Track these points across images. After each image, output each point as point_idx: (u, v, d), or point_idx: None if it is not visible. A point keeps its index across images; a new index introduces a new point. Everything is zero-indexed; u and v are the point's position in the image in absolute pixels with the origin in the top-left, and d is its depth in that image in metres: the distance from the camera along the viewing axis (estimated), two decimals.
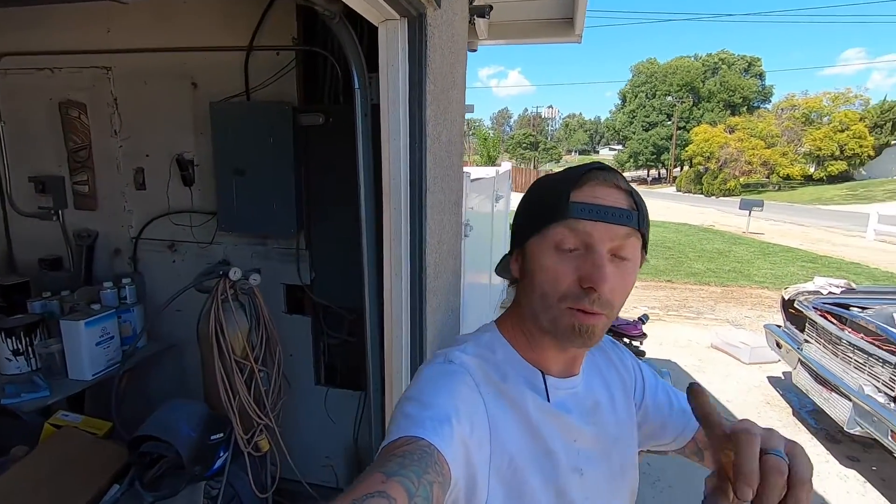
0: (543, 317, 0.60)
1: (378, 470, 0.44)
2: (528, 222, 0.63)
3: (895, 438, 2.37)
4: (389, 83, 1.40)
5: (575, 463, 0.64)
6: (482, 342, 0.66)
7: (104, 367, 1.93)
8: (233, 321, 1.64)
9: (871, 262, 9.77)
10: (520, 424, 0.61)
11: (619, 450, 0.70)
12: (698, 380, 4.20)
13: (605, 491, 0.67)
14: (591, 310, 0.57)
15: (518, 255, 0.65)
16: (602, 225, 0.57)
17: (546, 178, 0.66)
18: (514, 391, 0.62)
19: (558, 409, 0.64)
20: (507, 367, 0.64)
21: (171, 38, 2.17)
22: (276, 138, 2.07)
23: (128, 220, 2.42)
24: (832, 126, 33.60)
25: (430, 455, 0.48)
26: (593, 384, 0.71)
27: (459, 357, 0.62)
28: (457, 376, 0.59)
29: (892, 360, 2.57)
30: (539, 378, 0.64)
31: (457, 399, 0.56)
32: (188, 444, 1.38)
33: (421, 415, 0.53)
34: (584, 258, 0.58)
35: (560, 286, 0.58)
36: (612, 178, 0.61)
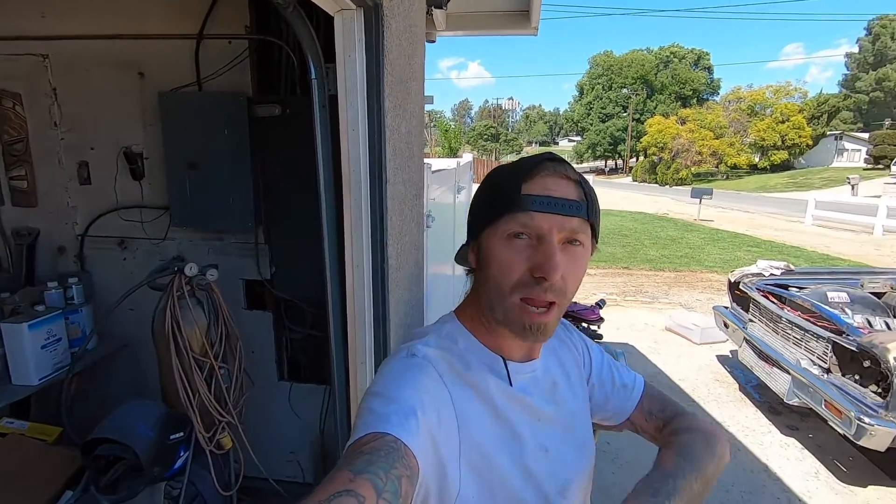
0: (498, 308, 0.62)
1: (345, 468, 0.44)
2: (482, 214, 0.64)
3: (828, 407, 2.57)
4: (347, 74, 1.39)
5: (540, 441, 0.66)
6: (443, 333, 0.67)
7: (51, 370, 1.84)
8: (190, 318, 1.60)
9: (809, 246, 10.43)
10: (486, 411, 0.62)
11: (579, 425, 0.74)
12: (653, 361, 4.41)
13: (569, 465, 0.69)
14: (542, 299, 0.59)
15: (474, 246, 0.66)
16: (554, 216, 0.59)
17: (499, 169, 0.67)
18: (477, 379, 0.64)
19: (521, 393, 0.66)
20: (470, 356, 0.65)
21: (114, 25, 2.07)
22: (231, 130, 2.01)
23: (72, 216, 2.30)
24: (774, 118, 35.48)
25: (398, 450, 0.48)
26: (550, 365, 0.74)
27: (422, 350, 0.63)
28: (421, 369, 0.60)
29: (825, 335, 2.78)
30: (500, 364, 0.66)
31: (422, 392, 0.57)
32: (146, 445, 1.34)
33: (386, 409, 0.53)
34: (536, 249, 0.59)
35: (513, 276, 0.60)
36: (562, 169, 0.63)
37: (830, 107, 37.76)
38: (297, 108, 2.01)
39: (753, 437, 3.17)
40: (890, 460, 2.86)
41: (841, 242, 10.90)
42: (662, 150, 36.97)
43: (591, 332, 2.15)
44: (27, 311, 1.87)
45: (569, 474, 0.69)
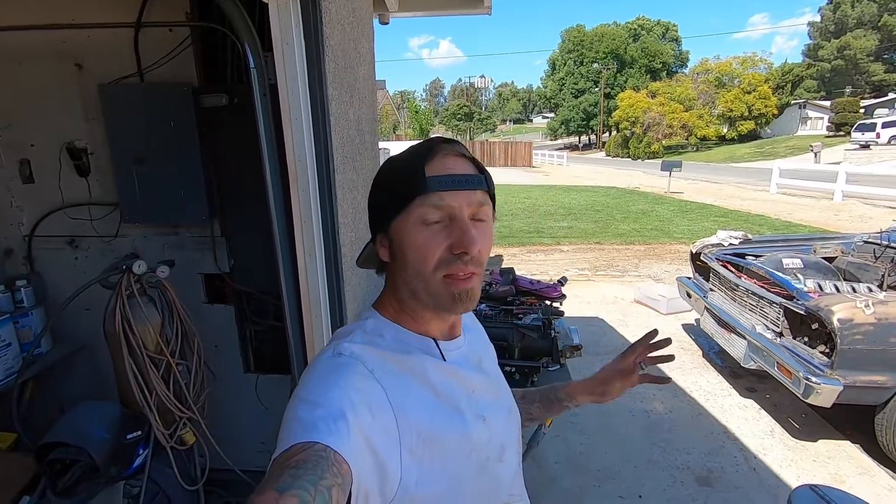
0: (422, 291, 0.64)
1: (270, 487, 0.43)
2: (388, 204, 0.65)
3: (780, 369, 2.69)
4: (286, 62, 1.37)
5: (477, 411, 0.68)
6: (368, 329, 0.67)
7: (2, 377, 1.80)
8: (141, 316, 1.58)
9: (773, 214, 10.77)
10: (425, 392, 0.64)
11: (504, 393, 0.80)
12: (622, 333, 4.53)
13: (503, 431, 0.73)
14: (465, 272, 0.62)
15: (383, 239, 0.67)
16: (460, 193, 0.62)
17: (392, 159, 0.68)
18: (412, 361, 0.65)
19: (454, 366, 0.69)
20: (401, 345, 0.66)
21: (44, 15, 1.97)
22: (178, 121, 1.96)
23: (17, 217, 2.22)
24: (741, 88, 36.07)
25: (326, 458, 0.47)
26: (472, 341, 0.78)
27: (348, 348, 0.63)
28: (348, 367, 0.60)
29: (777, 301, 2.90)
30: (431, 344, 0.68)
31: (349, 391, 0.56)
32: (101, 446, 1.33)
33: (312, 416, 0.52)
34: (451, 227, 0.61)
35: (433, 257, 0.62)
36: (457, 148, 0.65)
37: (794, 76, 38.56)
38: (245, 96, 1.95)
39: (714, 401, 3.32)
40: (838, 415, 3.03)
41: (803, 209, 11.28)
42: (634, 125, 37.33)
43: (553, 308, 2.20)
44: None
45: (503, 439, 0.73)
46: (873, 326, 2.38)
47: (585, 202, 13.56)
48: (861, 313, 2.39)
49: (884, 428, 2.56)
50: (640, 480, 2.54)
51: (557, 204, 13.47)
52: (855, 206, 11.29)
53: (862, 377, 2.41)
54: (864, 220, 9.58)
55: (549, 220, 10.73)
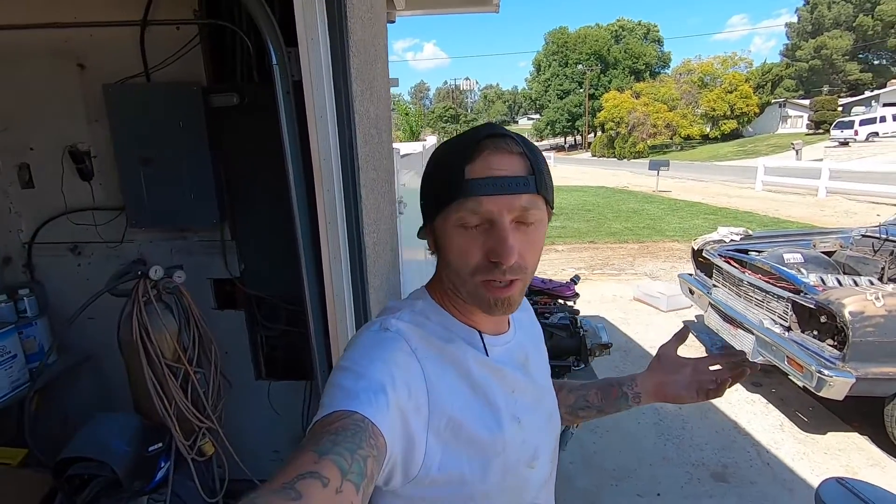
0: (462, 290, 0.63)
1: (310, 449, 0.43)
2: (431, 200, 0.63)
3: (790, 363, 2.71)
4: (311, 58, 1.32)
5: (513, 412, 0.66)
6: (417, 309, 0.67)
7: (8, 390, 1.72)
8: (159, 323, 1.52)
9: (761, 210, 10.94)
10: (461, 382, 0.63)
11: (547, 396, 0.77)
12: (624, 331, 4.54)
13: (539, 435, 0.71)
14: (503, 280, 0.59)
15: (429, 230, 0.65)
16: (501, 198, 0.57)
17: (442, 148, 0.64)
18: (454, 350, 0.64)
19: (497, 363, 0.67)
20: (444, 331, 0.65)
21: (45, 14, 1.90)
22: (186, 122, 1.90)
23: (16, 223, 2.14)
24: (723, 88, 36.68)
25: (365, 429, 0.48)
26: (522, 339, 0.75)
27: (395, 324, 0.62)
28: (392, 342, 0.60)
29: (784, 296, 2.92)
30: (476, 336, 0.66)
31: (392, 366, 0.56)
32: (123, 460, 1.27)
33: (355, 386, 0.52)
34: (489, 233, 0.58)
35: (470, 262, 0.59)
36: (505, 144, 0.59)
37: (774, 75, 39.35)
38: (257, 95, 1.91)
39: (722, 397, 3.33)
40: (845, 408, 3.06)
41: (789, 206, 11.47)
42: (619, 125, 37.72)
43: (567, 308, 2.18)
44: None
45: (538, 443, 0.71)
46: (884, 319, 2.41)
47: (576, 202, 13.64)
48: (872, 306, 2.42)
49: (894, 419, 2.59)
50: (656, 478, 2.53)
51: None
52: (839, 202, 11.52)
53: (874, 369, 2.44)
54: (849, 216, 9.78)
55: None
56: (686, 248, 7.01)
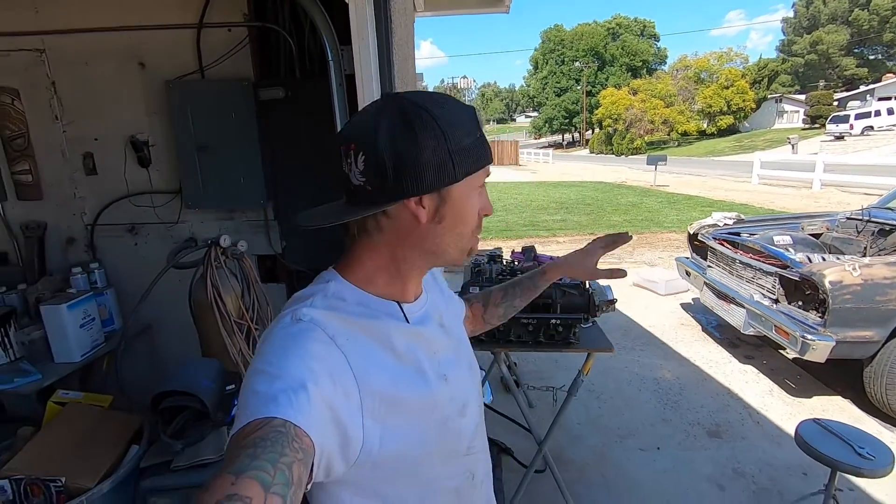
0: (454, 249, 0.66)
1: (227, 471, 0.41)
2: (455, 165, 0.60)
3: (778, 332, 2.96)
4: (361, 55, 1.57)
5: (439, 371, 0.68)
6: (329, 292, 0.64)
7: (90, 348, 1.97)
8: (227, 285, 1.76)
9: (756, 203, 11.19)
10: (387, 356, 0.62)
11: (465, 348, 0.80)
12: (625, 313, 4.79)
13: (464, 388, 0.74)
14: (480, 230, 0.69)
15: (430, 199, 0.61)
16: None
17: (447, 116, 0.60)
18: (375, 325, 0.63)
19: (419, 326, 0.68)
20: (363, 308, 0.64)
21: (112, 18, 2.14)
22: (238, 113, 2.15)
23: (80, 207, 2.38)
24: (719, 84, 36.95)
25: (286, 434, 0.46)
26: (434, 299, 0.77)
27: (308, 313, 0.59)
28: (307, 333, 0.57)
29: (772, 271, 3.17)
30: (395, 307, 0.67)
31: (309, 359, 0.54)
32: (210, 395, 1.51)
33: (272, 388, 0.50)
34: (481, 193, 0.67)
35: (475, 220, 0.66)
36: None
37: (770, 71, 39.61)
38: (299, 89, 2.16)
39: (717, 368, 3.58)
40: (830, 375, 3.32)
41: (784, 198, 11.73)
42: (617, 121, 37.98)
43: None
44: (58, 296, 1.98)
45: (465, 395, 0.73)
46: (860, 287, 2.66)
47: (576, 196, 13.89)
48: (849, 275, 2.67)
49: (871, 380, 2.85)
50: (657, 435, 2.79)
51: (549, 199, 13.78)
52: (833, 194, 11.79)
53: (852, 333, 2.69)
54: (842, 207, 10.00)
55: (542, 214, 11.02)
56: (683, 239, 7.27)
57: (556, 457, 2.51)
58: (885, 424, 2.86)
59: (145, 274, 1.92)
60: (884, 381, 2.77)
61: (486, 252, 2.65)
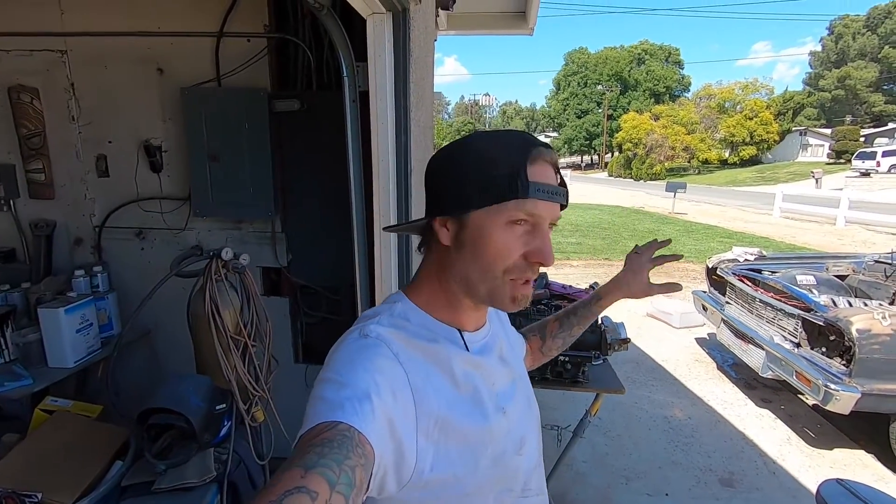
0: (482, 287, 0.64)
1: (296, 465, 0.43)
2: (476, 192, 0.62)
3: (799, 378, 2.82)
4: (377, 72, 1.52)
5: (497, 403, 0.68)
6: (395, 312, 0.66)
7: (85, 353, 1.93)
8: (227, 300, 1.71)
9: (778, 237, 10.94)
10: (445, 380, 0.63)
11: (524, 384, 0.79)
12: (637, 345, 4.65)
13: (522, 422, 0.73)
14: (531, 278, 0.64)
15: (452, 223, 0.64)
16: (551, 205, 0.63)
17: (483, 143, 0.64)
18: (437, 349, 0.64)
19: (478, 356, 0.69)
20: (425, 331, 0.66)
21: (134, 23, 2.14)
22: (252, 123, 2.12)
23: (90, 208, 2.37)
24: (743, 114, 36.64)
25: (351, 438, 0.48)
26: (496, 331, 0.77)
27: (375, 330, 0.62)
28: (373, 349, 0.59)
29: (794, 313, 3.03)
30: (456, 334, 0.68)
31: (375, 373, 0.56)
32: (199, 414, 1.45)
33: (338, 396, 0.52)
34: (532, 235, 0.62)
35: (508, 261, 0.62)
36: (552, 156, 0.64)
37: (795, 103, 39.20)
38: (315, 103, 2.13)
39: (732, 410, 3.43)
40: (852, 426, 3.15)
41: (806, 233, 11.45)
42: (637, 146, 37.79)
43: None
44: (58, 298, 1.95)
45: (523, 431, 0.72)
46: (890, 337, 2.52)
47: (592, 220, 13.76)
48: (878, 324, 2.53)
49: None
50: (665, 480, 2.65)
51: (564, 221, 13.63)
52: (858, 232, 11.47)
53: (879, 385, 2.54)
54: (867, 245, 9.74)
55: (557, 236, 10.90)
56: (700, 270, 7.09)
57: (559, 497, 2.39)
58: None
59: (149, 279, 1.89)
60: None
61: None
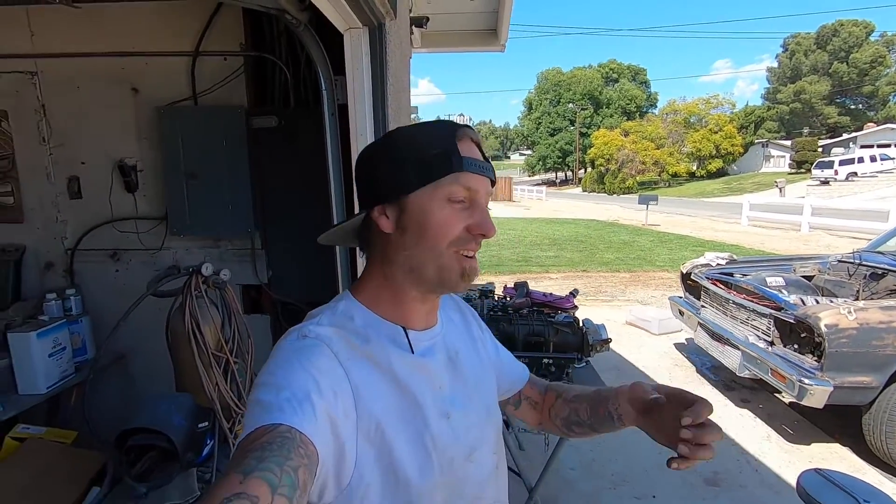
0: (430, 266, 0.63)
1: (234, 471, 0.42)
2: (410, 174, 0.62)
3: (774, 375, 2.90)
4: (355, 85, 1.56)
5: (442, 408, 0.66)
6: (338, 311, 0.65)
7: (57, 379, 1.87)
8: (207, 316, 1.69)
9: (747, 244, 11.29)
10: (386, 384, 0.62)
11: (482, 391, 0.75)
12: (617, 352, 4.71)
13: (472, 430, 0.69)
14: (474, 250, 0.65)
15: (391, 209, 0.64)
16: (484, 178, 0.64)
17: (410, 130, 0.67)
18: (377, 351, 0.63)
19: (422, 358, 0.66)
20: (369, 330, 0.64)
21: (107, 43, 2.14)
22: (229, 141, 2.12)
23: (61, 231, 2.32)
24: (708, 128, 38.07)
25: (292, 439, 0.47)
26: (451, 334, 0.75)
27: (314, 330, 0.61)
28: (312, 349, 0.58)
29: (766, 313, 3.13)
30: (401, 333, 0.66)
31: (314, 372, 0.55)
32: (180, 433, 1.42)
33: (277, 398, 0.51)
34: (472, 209, 0.63)
35: (451, 234, 0.62)
36: (476, 136, 0.66)
37: (756, 117, 41.00)
38: (292, 119, 2.15)
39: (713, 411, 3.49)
40: (828, 421, 3.24)
41: (773, 239, 11.86)
42: (609, 161, 38.77)
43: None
44: (28, 323, 1.89)
45: (474, 439, 0.69)
46: (856, 330, 2.62)
47: (569, 233, 13.98)
48: (845, 319, 2.63)
49: (871, 428, 2.77)
50: (652, 483, 2.67)
51: (542, 235, 13.84)
52: (821, 237, 11.94)
53: (849, 378, 2.63)
54: (830, 250, 10.12)
55: (535, 250, 11.03)
56: (675, 278, 7.27)
57: None
58: (886, 474, 2.77)
59: (124, 301, 1.85)
60: (883, 429, 2.70)
61: (479, 287, 2.60)
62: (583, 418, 0.84)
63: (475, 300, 2.26)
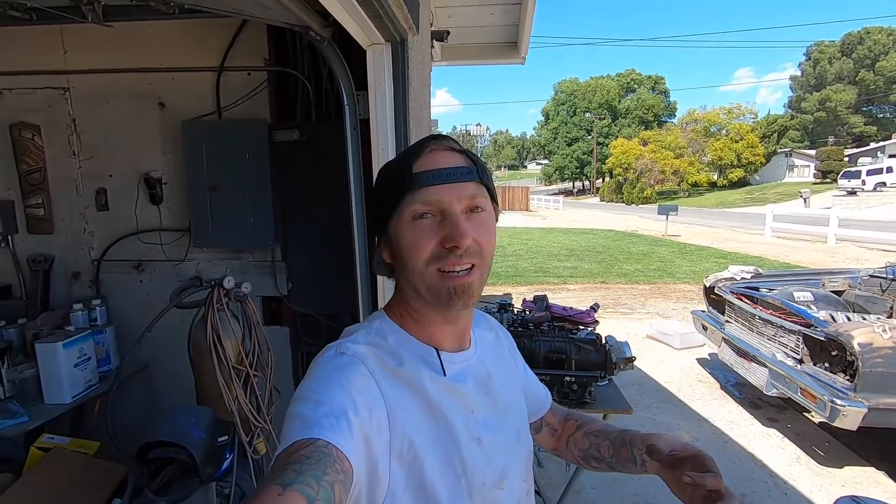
0: (420, 286, 0.63)
1: (273, 482, 0.43)
2: (382, 207, 0.65)
3: (803, 394, 2.80)
4: (377, 100, 1.57)
5: (473, 432, 0.65)
6: (372, 330, 0.66)
7: (83, 388, 1.89)
8: (228, 329, 1.70)
9: (771, 256, 11.03)
10: (419, 405, 0.62)
11: (513, 416, 0.75)
12: (639, 367, 4.60)
13: (503, 454, 0.69)
14: (460, 266, 0.61)
15: (385, 243, 0.67)
16: (449, 186, 0.61)
17: (387, 163, 0.70)
18: (409, 372, 0.63)
19: (454, 382, 0.66)
20: (402, 350, 0.65)
21: (135, 60, 2.19)
22: (252, 154, 2.15)
23: (88, 242, 2.37)
24: (729, 137, 37.51)
25: (329, 455, 0.47)
26: (484, 357, 0.74)
27: (351, 347, 0.62)
28: (350, 367, 0.59)
29: (795, 329, 3.03)
30: (433, 355, 0.66)
31: (351, 390, 0.56)
32: (201, 447, 1.42)
33: (315, 414, 0.52)
34: (442, 223, 0.61)
35: (425, 252, 0.61)
36: (447, 142, 0.65)
37: (779, 126, 40.23)
38: (314, 133, 2.17)
39: (738, 430, 3.38)
40: (862, 443, 3.11)
41: (798, 251, 11.56)
42: (627, 171, 38.42)
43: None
44: (55, 333, 1.93)
45: (504, 464, 0.69)
46: (892, 350, 2.52)
47: (587, 244, 13.84)
48: (879, 338, 2.53)
49: None
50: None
51: (559, 245, 13.73)
52: (849, 249, 11.60)
53: (885, 399, 2.52)
54: (860, 262, 9.83)
55: (553, 261, 10.93)
56: (697, 290, 7.12)
57: None
58: None
59: (148, 312, 1.88)
60: None
61: (497, 299, 2.57)
62: (604, 455, 0.83)
63: (494, 314, 2.24)
